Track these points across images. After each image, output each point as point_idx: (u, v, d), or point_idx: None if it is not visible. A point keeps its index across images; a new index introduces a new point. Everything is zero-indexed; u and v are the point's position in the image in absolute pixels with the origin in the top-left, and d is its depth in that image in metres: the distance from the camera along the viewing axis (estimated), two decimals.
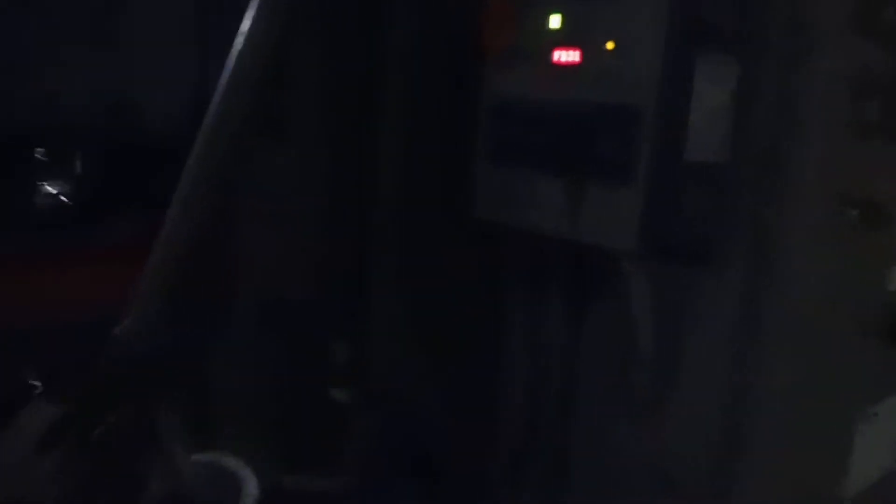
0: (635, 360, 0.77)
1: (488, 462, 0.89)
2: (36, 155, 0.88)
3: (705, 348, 0.75)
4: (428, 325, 0.86)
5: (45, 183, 0.88)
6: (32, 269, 0.81)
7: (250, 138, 0.83)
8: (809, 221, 0.72)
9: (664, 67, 0.64)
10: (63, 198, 0.88)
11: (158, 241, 0.65)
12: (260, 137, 0.86)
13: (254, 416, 0.86)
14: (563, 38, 0.73)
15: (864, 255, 0.81)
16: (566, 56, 0.72)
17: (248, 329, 0.89)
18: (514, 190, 0.78)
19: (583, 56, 0.71)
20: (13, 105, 0.85)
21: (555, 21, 0.73)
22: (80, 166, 0.90)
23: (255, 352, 0.88)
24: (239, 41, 0.65)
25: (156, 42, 0.91)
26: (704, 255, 0.71)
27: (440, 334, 0.85)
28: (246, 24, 0.66)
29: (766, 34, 0.68)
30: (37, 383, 0.70)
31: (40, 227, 0.87)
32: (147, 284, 0.65)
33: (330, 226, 0.86)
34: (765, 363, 0.74)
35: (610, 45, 0.68)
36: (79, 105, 0.90)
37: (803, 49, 0.68)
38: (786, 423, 0.72)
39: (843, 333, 0.80)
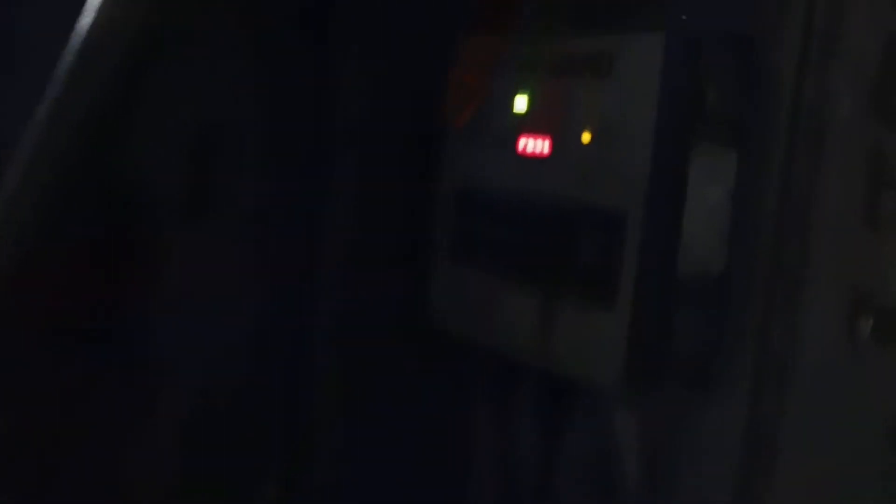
0: (620, 496, 0.65)
1: None
2: None
3: (703, 483, 0.63)
4: (377, 455, 0.73)
5: None
6: None
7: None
8: (820, 336, 0.61)
9: (653, 163, 0.52)
10: None
11: None
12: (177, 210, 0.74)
13: None
14: (530, 125, 0.61)
15: (880, 371, 0.70)
16: (533, 145, 0.61)
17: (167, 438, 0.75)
18: (478, 298, 0.65)
19: (552, 147, 0.59)
20: None
21: (520, 103, 0.62)
22: None
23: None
24: None
25: None
26: (701, 382, 0.59)
27: (391, 465, 0.72)
28: None
29: (772, 120, 0.57)
30: None
31: None
32: None
33: (255, 334, 0.73)
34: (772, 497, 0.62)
35: (586, 137, 0.57)
36: None
37: (813, 136, 0.57)
38: None
39: (860, 462, 0.68)
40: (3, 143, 0.68)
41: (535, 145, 0.60)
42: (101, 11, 0.62)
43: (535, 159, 0.60)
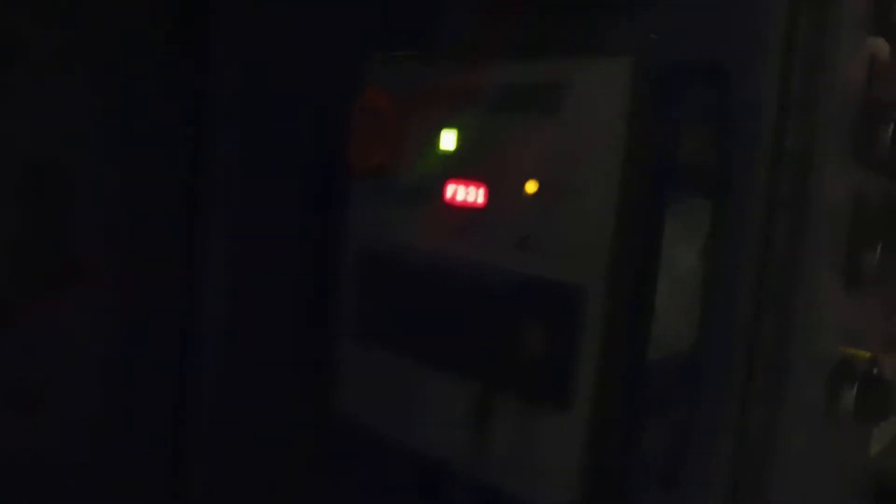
0: None
1: None
2: None
3: None
4: None
5: None
6: None
7: None
8: (802, 412, 0.51)
9: (618, 221, 0.41)
10: None
11: None
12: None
13: None
14: (460, 168, 0.49)
15: (862, 439, 0.61)
16: (464, 194, 0.49)
17: None
18: (392, 389, 0.52)
19: (489, 196, 0.47)
20: None
21: (447, 140, 0.50)
22: None
23: None
24: None
25: None
26: (671, 490, 0.47)
27: None
28: None
29: (751, 163, 0.47)
30: None
31: None
32: None
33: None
34: None
35: (531, 186, 0.45)
36: None
37: (796, 182, 0.48)
38: None
39: None
40: None
41: (466, 194, 0.47)
42: None
43: (467, 211, 0.47)
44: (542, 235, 0.44)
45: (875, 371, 0.54)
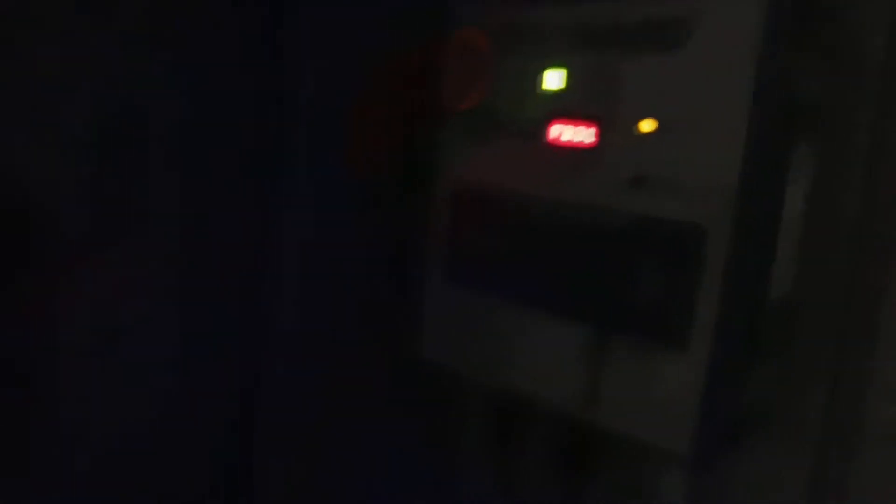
0: None
1: None
2: None
3: None
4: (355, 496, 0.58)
5: None
6: None
7: None
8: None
9: (745, 162, 0.41)
10: None
11: None
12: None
13: None
14: (567, 108, 0.48)
15: None
16: (571, 134, 0.48)
17: None
18: (487, 330, 0.52)
19: (600, 136, 0.47)
20: None
21: (553, 80, 0.49)
22: None
23: None
24: None
25: None
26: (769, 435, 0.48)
27: None
28: None
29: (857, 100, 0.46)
30: None
31: None
32: None
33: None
34: None
35: (648, 124, 0.44)
36: None
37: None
38: None
39: None
40: None
41: (574, 134, 0.47)
42: None
43: (575, 151, 0.47)
44: (659, 175, 0.43)
45: None
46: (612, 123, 0.45)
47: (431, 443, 0.59)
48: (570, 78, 0.47)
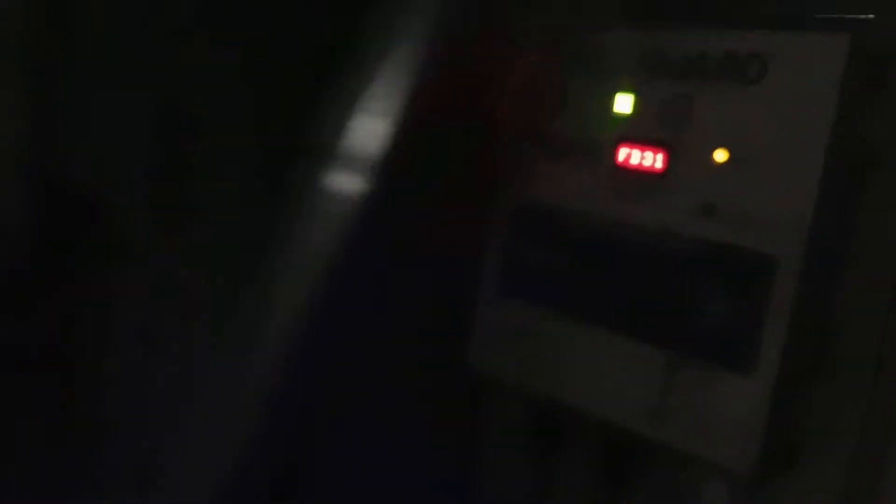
0: None
1: None
2: None
3: None
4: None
5: None
6: None
7: None
8: None
9: (821, 196, 0.42)
10: None
11: None
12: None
13: None
14: (636, 132, 0.49)
15: None
16: (639, 158, 0.49)
17: None
18: (544, 347, 0.53)
19: (668, 162, 0.48)
20: None
21: (623, 103, 0.50)
22: None
23: None
24: None
25: None
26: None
27: None
28: None
29: None
30: None
31: None
32: None
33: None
34: None
35: (719, 154, 0.46)
36: None
37: None
38: None
39: None
40: None
41: (642, 158, 0.48)
42: None
43: (643, 175, 0.48)
44: (730, 203, 0.45)
45: None
46: (683, 151, 0.46)
47: (474, 452, 0.60)
48: (640, 103, 0.48)
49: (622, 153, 0.49)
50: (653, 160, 0.47)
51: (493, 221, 0.56)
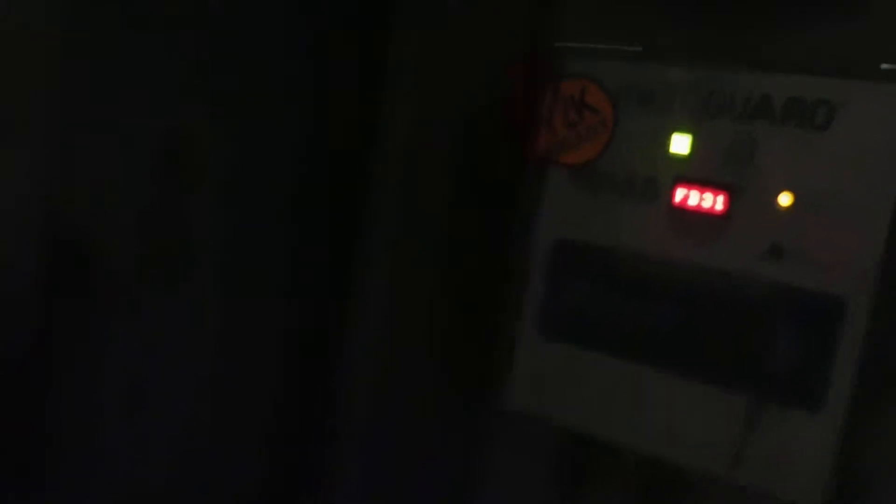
0: None
1: None
2: None
3: None
4: None
5: None
6: None
7: None
8: None
9: (890, 239, 0.43)
10: None
11: None
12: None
13: None
14: (695, 172, 0.49)
15: None
16: (698, 199, 0.49)
17: None
18: (592, 385, 0.52)
19: (730, 204, 0.48)
20: None
21: (680, 144, 0.50)
22: None
23: None
24: None
25: None
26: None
27: None
28: None
29: None
30: None
31: None
32: None
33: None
34: None
35: (786, 198, 0.46)
36: None
37: None
38: None
39: None
40: None
41: (701, 200, 0.48)
42: None
43: (703, 217, 0.48)
44: (797, 246, 0.45)
45: None
46: (745, 193, 0.47)
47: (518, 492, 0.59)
48: (698, 143, 0.48)
49: (679, 194, 0.49)
50: (713, 202, 0.48)
51: (530, 258, 0.54)
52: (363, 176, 0.58)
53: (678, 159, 0.49)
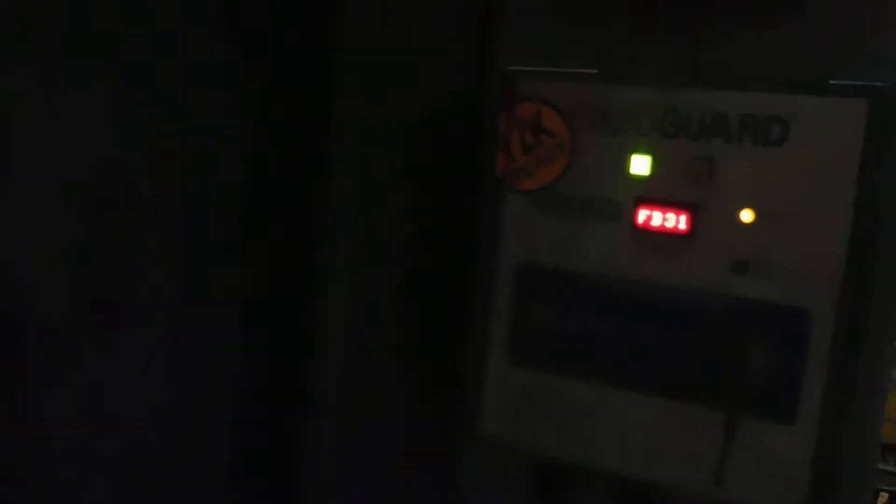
0: None
1: None
2: None
3: None
4: None
5: None
6: None
7: None
8: None
9: (851, 250, 0.44)
10: None
11: None
12: None
13: None
14: (656, 192, 0.49)
15: None
16: (661, 220, 0.49)
17: None
18: (562, 409, 0.52)
19: (693, 223, 0.48)
20: None
21: (639, 165, 0.49)
22: None
23: None
24: None
25: None
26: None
27: None
28: None
29: None
30: None
31: None
32: None
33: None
34: None
35: (746, 214, 0.47)
36: None
37: None
38: None
39: None
40: None
41: (664, 220, 0.48)
42: None
43: (667, 236, 0.48)
44: (761, 261, 0.46)
45: None
46: (707, 211, 0.47)
47: None
48: (657, 163, 0.48)
49: (642, 214, 0.49)
50: (676, 221, 0.48)
51: (494, 283, 0.53)
52: (315, 205, 0.56)
53: (639, 180, 0.49)
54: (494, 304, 0.54)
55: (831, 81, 0.44)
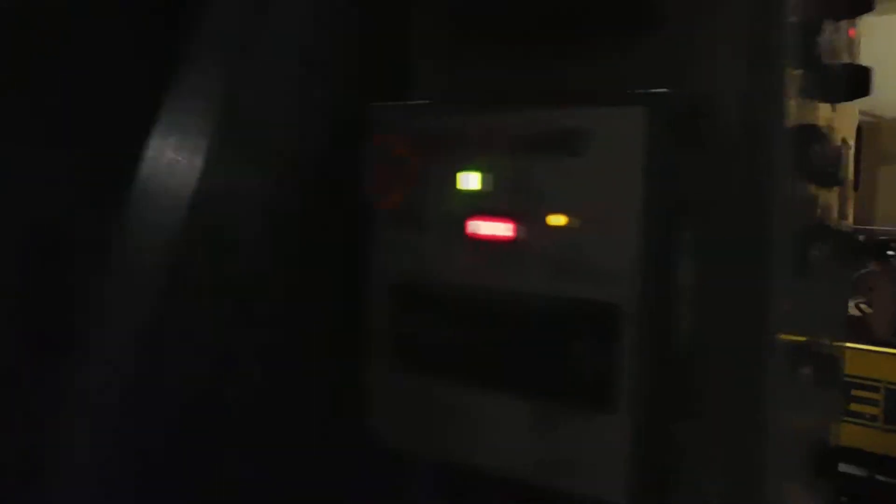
0: None
1: None
2: None
3: None
4: None
5: None
6: None
7: None
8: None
9: (644, 248, 0.48)
10: None
11: None
12: None
13: None
14: (485, 204, 0.54)
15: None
16: (490, 229, 0.53)
17: None
18: (433, 409, 0.56)
19: (517, 230, 0.52)
20: None
21: (470, 180, 0.54)
22: None
23: None
24: None
25: None
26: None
27: None
28: None
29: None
30: None
31: None
32: None
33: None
34: None
35: (558, 219, 0.51)
36: None
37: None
38: None
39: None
40: None
41: (492, 228, 0.53)
42: None
43: (495, 244, 0.52)
44: (574, 262, 0.50)
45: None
46: (527, 219, 0.51)
47: None
48: (486, 178, 0.53)
49: (472, 225, 0.53)
50: (502, 230, 0.52)
51: (373, 299, 0.59)
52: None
53: (470, 194, 0.54)
54: (374, 318, 0.59)
55: (626, 91, 0.48)
